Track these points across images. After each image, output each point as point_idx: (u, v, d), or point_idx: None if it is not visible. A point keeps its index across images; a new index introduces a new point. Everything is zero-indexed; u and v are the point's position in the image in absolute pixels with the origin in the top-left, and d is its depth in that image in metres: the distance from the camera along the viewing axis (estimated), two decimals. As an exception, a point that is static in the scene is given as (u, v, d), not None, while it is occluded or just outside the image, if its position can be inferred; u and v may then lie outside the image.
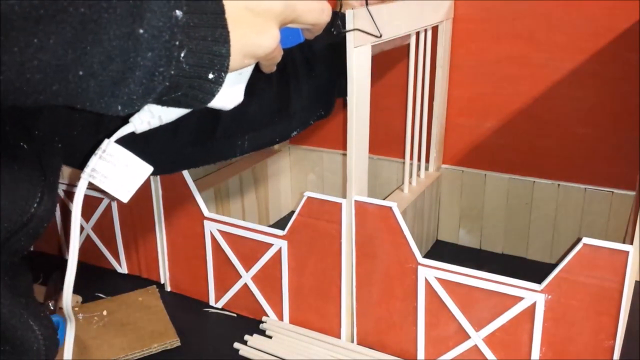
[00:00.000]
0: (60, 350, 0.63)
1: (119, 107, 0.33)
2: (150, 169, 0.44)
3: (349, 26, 0.55)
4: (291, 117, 0.62)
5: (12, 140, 0.40)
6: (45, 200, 0.41)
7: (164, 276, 0.77)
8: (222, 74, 0.36)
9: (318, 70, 0.63)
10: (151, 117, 0.43)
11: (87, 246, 0.82)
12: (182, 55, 0.33)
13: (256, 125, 0.61)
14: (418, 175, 0.83)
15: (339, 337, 0.66)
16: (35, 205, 0.40)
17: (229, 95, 0.42)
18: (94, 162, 0.42)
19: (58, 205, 0.82)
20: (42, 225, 0.42)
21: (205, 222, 0.70)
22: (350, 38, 0.56)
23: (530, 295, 0.54)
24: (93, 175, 0.42)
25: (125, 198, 0.43)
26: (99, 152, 0.43)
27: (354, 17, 0.55)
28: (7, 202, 0.38)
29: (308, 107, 0.63)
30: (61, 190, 0.81)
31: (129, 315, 0.69)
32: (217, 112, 0.57)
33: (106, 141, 0.43)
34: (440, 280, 0.58)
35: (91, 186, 0.42)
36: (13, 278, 0.42)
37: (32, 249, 0.88)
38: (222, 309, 0.73)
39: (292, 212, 0.65)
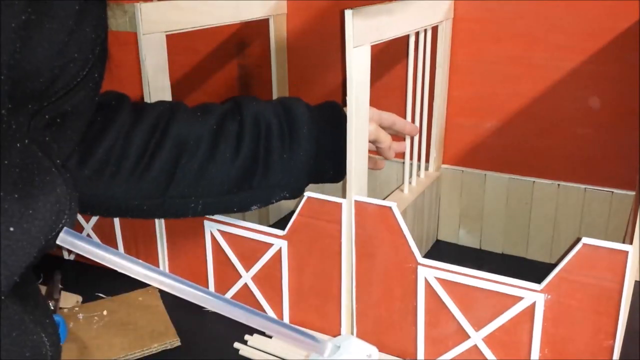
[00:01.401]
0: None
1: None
2: None
3: (347, 28, 0.55)
4: (252, 191, 0.61)
5: (45, 163, 0.41)
6: (68, 217, 0.42)
7: (164, 276, 0.77)
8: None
9: (293, 150, 0.61)
10: None
11: (87, 246, 0.82)
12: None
13: (214, 192, 0.60)
14: (418, 175, 0.83)
15: (338, 337, 0.66)
16: (63, 222, 0.42)
17: None
18: None
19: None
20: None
21: (205, 222, 0.70)
22: (349, 37, 0.56)
23: (530, 295, 0.54)
24: None
25: None
26: None
27: (353, 16, 0.55)
28: (42, 224, 0.39)
29: (273, 186, 0.62)
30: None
31: (129, 315, 0.69)
32: (176, 172, 0.59)
33: None
34: (440, 280, 0.58)
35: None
36: (21, 284, 0.43)
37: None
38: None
39: (292, 212, 0.65)
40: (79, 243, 0.40)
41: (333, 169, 0.65)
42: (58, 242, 0.41)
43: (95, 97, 0.50)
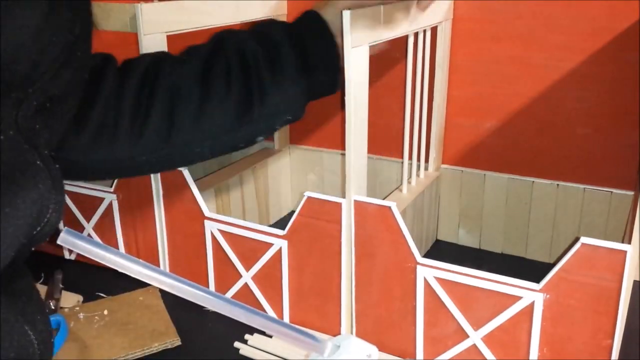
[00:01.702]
0: (61, 349, 0.63)
1: None
2: None
3: (345, 28, 0.55)
4: (254, 124, 0.61)
5: (30, 157, 0.41)
6: (53, 211, 0.42)
7: (165, 276, 0.77)
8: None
9: (283, 72, 0.60)
10: None
11: (88, 246, 0.83)
12: None
13: (216, 132, 0.60)
14: (417, 175, 0.83)
15: (338, 336, 0.66)
16: (47, 218, 0.41)
17: None
18: None
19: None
20: (51, 231, 0.43)
21: (206, 221, 0.70)
22: (347, 38, 0.56)
23: (529, 294, 0.54)
24: None
25: None
26: None
27: (351, 16, 0.55)
28: (21, 222, 0.39)
29: (273, 112, 0.61)
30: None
31: (130, 314, 0.70)
32: (174, 120, 0.58)
33: None
34: (439, 279, 0.58)
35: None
36: (11, 281, 0.42)
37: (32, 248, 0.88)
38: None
39: (292, 212, 0.65)
40: (80, 243, 0.40)
41: (326, 79, 0.64)
42: (59, 242, 0.41)
43: (84, 75, 0.49)
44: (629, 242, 0.50)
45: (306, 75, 0.62)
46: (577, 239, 0.51)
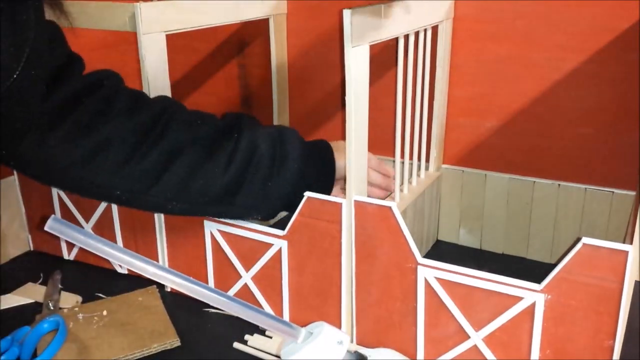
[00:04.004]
0: (60, 350, 0.63)
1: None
2: None
3: (346, 27, 0.55)
4: (230, 206, 0.63)
5: None
6: None
7: (164, 276, 0.77)
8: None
9: (279, 182, 0.64)
10: None
11: (87, 246, 0.82)
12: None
13: (196, 199, 0.62)
14: (418, 175, 0.83)
15: (338, 337, 0.66)
16: None
17: None
18: None
19: (58, 203, 0.82)
20: None
21: (205, 222, 0.70)
22: (348, 37, 0.56)
23: (530, 295, 0.54)
24: None
25: None
26: None
27: (352, 15, 0.55)
28: None
29: (250, 206, 0.64)
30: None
31: (129, 315, 0.69)
32: (167, 172, 0.60)
33: None
34: (439, 280, 0.58)
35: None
36: None
37: (32, 248, 0.88)
38: (222, 309, 0.73)
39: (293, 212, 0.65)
40: (67, 230, 0.42)
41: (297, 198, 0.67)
42: (46, 228, 0.42)
43: (41, 79, 0.50)
44: (630, 243, 0.50)
45: (295, 193, 0.64)
46: (578, 240, 0.51)
